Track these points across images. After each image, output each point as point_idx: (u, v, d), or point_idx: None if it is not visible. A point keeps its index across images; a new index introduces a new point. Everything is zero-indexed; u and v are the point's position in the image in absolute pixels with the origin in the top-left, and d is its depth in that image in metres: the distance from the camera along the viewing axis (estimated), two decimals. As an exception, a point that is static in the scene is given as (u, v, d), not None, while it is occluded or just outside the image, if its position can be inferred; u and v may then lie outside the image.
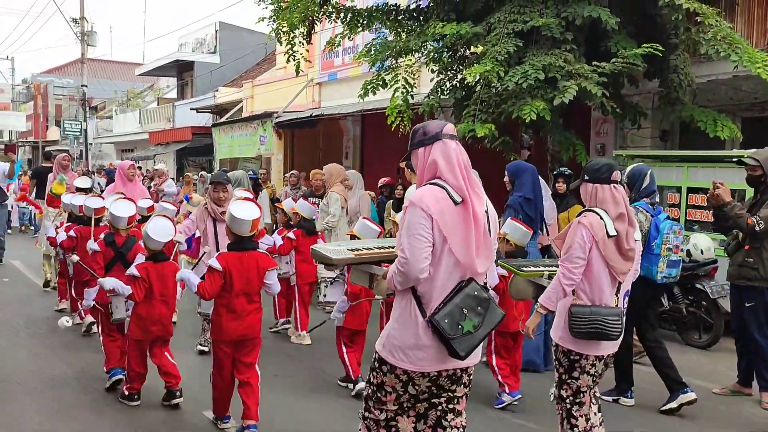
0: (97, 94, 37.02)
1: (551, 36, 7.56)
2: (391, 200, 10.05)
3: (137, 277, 4.79)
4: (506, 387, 5.14)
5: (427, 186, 2.86)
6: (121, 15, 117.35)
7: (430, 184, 2.86)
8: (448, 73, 9.42)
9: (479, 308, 2.80)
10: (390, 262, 2.96)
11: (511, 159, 8.09)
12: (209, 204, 6.22)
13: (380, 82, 9.54)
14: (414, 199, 2.81)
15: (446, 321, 2.74)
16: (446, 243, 2.77)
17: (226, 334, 4.41)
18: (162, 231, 4.92)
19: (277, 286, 4.69)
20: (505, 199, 6.18)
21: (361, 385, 5.27)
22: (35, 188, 11.60)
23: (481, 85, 7.86)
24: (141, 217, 6.45)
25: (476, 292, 2.81)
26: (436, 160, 2.87)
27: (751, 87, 8.73)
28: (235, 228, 4.43)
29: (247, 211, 4.44)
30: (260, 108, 19.05)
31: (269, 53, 23.92)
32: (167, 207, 6.96)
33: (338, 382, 5.56)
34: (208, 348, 5.97)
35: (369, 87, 9.52)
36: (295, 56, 10.22)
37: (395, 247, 2.93)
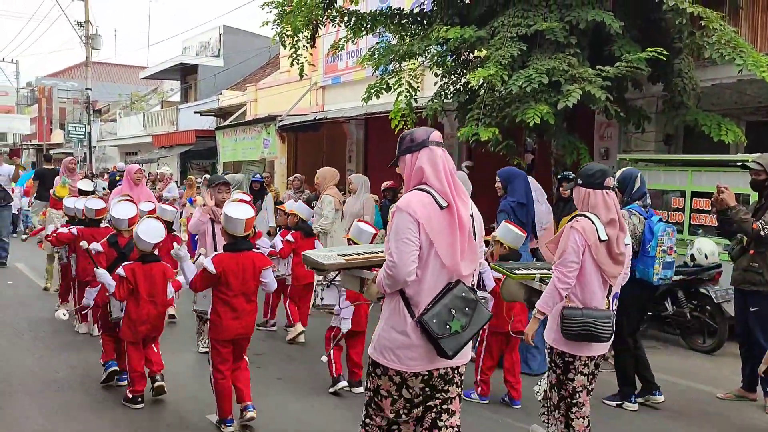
0: (102, 98, 37.13)
1: (555, 40, 7.55)
2: (394, 203, 10.02)
3: (123, 278, 4.89)
4: (479, 389, 5.30)
5: (413, 191, 2.94)
6: (125, 18, 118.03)
7: (417, 190, 2.93)
8: (452, 76, 9.42)
9: (467, 309, 2.87)
10: (380, 266, 3.03)
11: (515, 163, 8.09)
12: (210, 205, 6.21)
13: (384, 86, 9.58)
14: (401, 204, 2.89)
15: (434, 321, 2.81)
16: (433, 247, 2.84)
17: (226, 332, 4.48)
18: (152, 232, 5.02)
19: (274, 284, 4.82)
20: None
21: (342, 384, 5.40)
22: (37, 190, 11.63)
23: (485, 89, 7.85)
24: (143, 219, 6.50)
25: (464, 294, 2.88)
26: (423, 167, 2.94)
27: (755, 91, 8.73)
28: (230, 228, 4.51)
29: (240, 212, 4.52)
30: (264, 111, 19.10)
31: (273, 57, 23.99)
32: (166, 209, 6.97)
33: (329, 391, 5.49)
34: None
35: (372, 90, 9.56)
36: (299, 60, 10.26)
37: (384, 251, 2.97)
